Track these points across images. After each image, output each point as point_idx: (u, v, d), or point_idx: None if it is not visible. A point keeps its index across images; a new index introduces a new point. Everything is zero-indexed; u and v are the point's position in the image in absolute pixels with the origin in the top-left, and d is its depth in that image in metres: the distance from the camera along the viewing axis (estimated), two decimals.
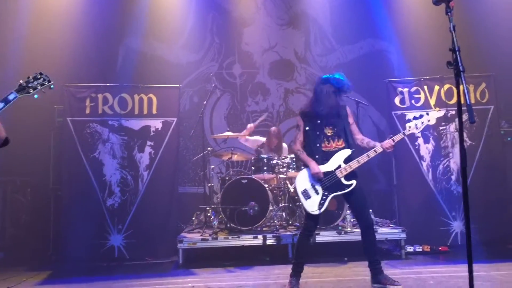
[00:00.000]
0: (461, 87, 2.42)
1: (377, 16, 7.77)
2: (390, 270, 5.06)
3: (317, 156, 4.27)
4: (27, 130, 6.61)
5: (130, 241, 6.03)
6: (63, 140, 6.26)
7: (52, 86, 2.88)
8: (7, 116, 2.88)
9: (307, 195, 4.23)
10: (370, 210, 4.63)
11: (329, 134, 4.28)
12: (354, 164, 4.20)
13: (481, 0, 7.12)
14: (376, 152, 4.20)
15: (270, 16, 8.22)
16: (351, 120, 4.40)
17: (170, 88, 6.50)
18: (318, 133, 4.30)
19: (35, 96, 2.81)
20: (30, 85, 2.79)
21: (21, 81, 2.79)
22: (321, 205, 4.20)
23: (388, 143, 4.20)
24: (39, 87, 2.81)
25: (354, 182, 4.21)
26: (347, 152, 4.25)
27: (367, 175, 7.88)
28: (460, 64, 2.39)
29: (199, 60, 8.19)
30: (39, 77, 2.83)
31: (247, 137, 6.76)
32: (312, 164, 4.26)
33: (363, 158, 4.20)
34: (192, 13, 8.08)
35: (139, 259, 5.96)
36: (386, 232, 5.84)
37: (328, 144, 4.29)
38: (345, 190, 4.21)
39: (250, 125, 6.77)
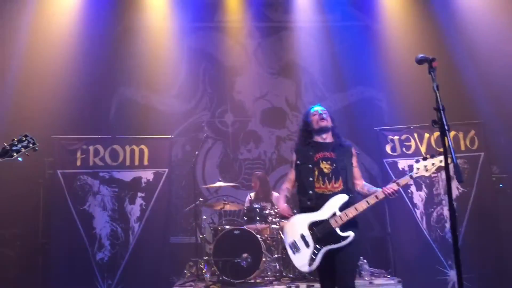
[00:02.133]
0: (446, 145, 2.42)
1: (366, 64, 7.92)
2: None
3: (310, 192, 3.66)
4: (16, 182, 6.51)
5: None
6: (52, 192, 6.19)
7: (36, 149, 2.86)
8: None
9: (295, 248, 3.61)
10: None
11: (325, 170, 3.68)
12: (351, 212, 3.55)
13: (472, 46, 7.25)
14: (378, 199, 3.58)
15: (261, 66, 8.36)
16: (354, 162, 3.83)
17: (162, 138, 6.52)
18: (310, 166, 3.72)
19: (19, 159, 2.78)
20: (14, 148, 2.77)
21: (5, 144, 2.77)
22: (312, 260, 3.54)
23: (391, 188, 3.58)
24: (23, 150, 2.79)
25: (351, 234, 3.54)
26: (343, 197, 3.62)
27: (361, 222, 7.80)
28: (445, 124, 2.40)
29: (191, 109, 8.25)
30: (23, 139, 2.82)
31: None
32: (281, 204, 3.83)
33: (361, 205, 3.56)
34: (184, 63, 8.20)
35: None
36: (382, 283, 5.72)
37: (323, 184, 3.66)
38: (340, 242, 3.52)
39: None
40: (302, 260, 3.58)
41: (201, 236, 6.58)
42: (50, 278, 5.92)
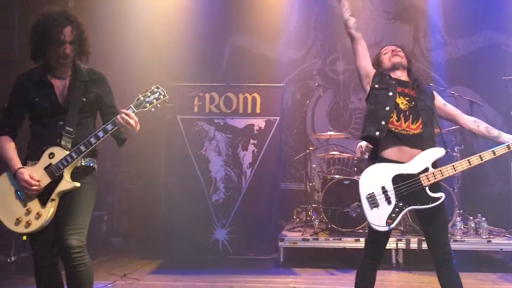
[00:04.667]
0: None
1: (495, 6, 7.16)
2: (505, 285, 4.74)
3: (383, 123, 3.04)
4: (142, 125, 7.07)
5: (233, 236, 6.21)
6: (173, 136, 6.61)
7: (166, 101, 2.99)
8: None
9: (373, 202, 2.98)
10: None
11: (402, 106, 3.08)
12: (448, 171, 2.98)
13: None
14: (510, 148, 2.95)
15: (376, 10, 7.94)
16: (440, 101, 3.24)
17: (274, 87, 6.59)
18: (391, 94, 3.10)
19: (152, 109, 2.94)
20: (147, 99, 2.92)
21: (139, 95, 2.94)
22: (391, 219, 2.95)
23: None
24: (154, 101, 2.93)
25: (442, 195, 2.97)
26: (439, 152, 3.03)
27: (478, 176, 7.35)
28: None
29: (302, 57, 8.18)
30: (155, 91, 2.95)
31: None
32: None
33: (462, 165, 2.98)
34: (296, 9, 8.08)
35: (241, 253, 6.13)
36: (501, 242, 5.44)
37: (398, 121, 3.04)
38: (429, 204, 2.96)
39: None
40: (379, 217, 2.95)
41: (310, 184, 6.68)
42: (171, 214, 6.41)
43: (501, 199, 6.76)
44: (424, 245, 5.32)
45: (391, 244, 5.47)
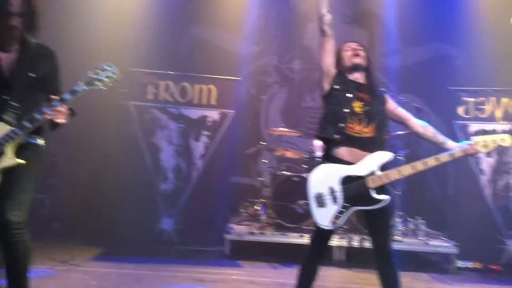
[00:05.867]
0: None
1: (449, 19, 7.45)
2: (438, 285, 4.99)
3: (341, 125, 3.12)
4: (92, 108, 6.84)
5: (180, 227, 6.18)
6: (124, 122, 6.46)
7: (118, 80, 2.93)
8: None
9: (320, 202, 3.09)
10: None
11: (357, 109, 3.17)
12: (393, 175, 3.09)
13: None
14: (454, 156, 3.10)
15: (334, 13, 7.96)
16: (392, 104, 3.34)
17: (230, 80, 6.59)
18: (351, 96, 3.19)
19: (103, 88, 2.88)
20: (97, 77, 2.86)
21: (89, 73, 2.87)
22: (336, 218, 3.06)
23: (471, 148, 3.09)
24: (105, 79, 2.87)
25: (386, 197, 3.09)
26: (387, 156, 3.14)
27: (418, 180, 7.67)
28: None
29: (259, 52, 8.18)
30: (107, 69, 2.89)
31: None
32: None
33: (407, 169, 3.09)
34: (257, 4, 8.08)
35: (187, 244, 6.09)
36: (437, 244, 5.73)
37: (351, 123, 3.14)
38: (373, 206, 3.07)
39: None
40: (325, 216, 3.08)
41: (260, 179, 6.74)
42: (117, 201, 6.29)
43: (439, 204, 7.10)
44: (366, 244, 5.55)
45: (333, 241, 5.60)
